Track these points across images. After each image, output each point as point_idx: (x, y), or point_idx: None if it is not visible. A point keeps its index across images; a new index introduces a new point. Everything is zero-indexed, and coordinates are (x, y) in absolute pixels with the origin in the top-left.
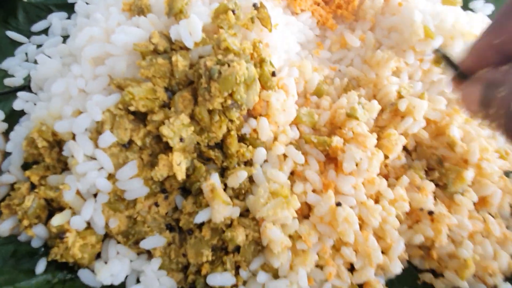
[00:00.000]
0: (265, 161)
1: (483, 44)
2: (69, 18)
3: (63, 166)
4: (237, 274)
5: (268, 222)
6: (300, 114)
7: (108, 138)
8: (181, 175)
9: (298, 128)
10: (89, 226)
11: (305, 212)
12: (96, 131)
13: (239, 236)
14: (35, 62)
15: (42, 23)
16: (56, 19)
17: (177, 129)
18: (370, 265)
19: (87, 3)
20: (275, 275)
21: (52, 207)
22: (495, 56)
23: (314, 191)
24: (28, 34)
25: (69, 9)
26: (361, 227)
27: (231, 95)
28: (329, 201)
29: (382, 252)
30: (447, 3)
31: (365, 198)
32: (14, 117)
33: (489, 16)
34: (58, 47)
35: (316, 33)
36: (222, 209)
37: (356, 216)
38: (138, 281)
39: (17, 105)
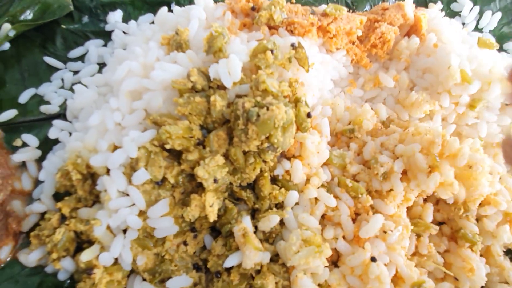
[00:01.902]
0: (296, 203)
1: None
2: (105, 45)
3: (95, 198)
4: None
5: (299, 271)
6: (332, 156)
7: (142, 175)
8: (213, 217)
9: (329, 170)
10: (116, 261)
11: (334, 258)
12: (130, 167)
13: (269, 284)
14: (71, 89)
15: (79, 49)
16: (93, 46)
17: (212, 170)
18: None
19: (124, 32)
20: None
21: (81, 240)
22: None
23: (344, 238)
24: (65, 60)
25: (106, 36)
26: (395, 283)
27: (267, 137)
28: (363, 254)
29: None
30: (483, 46)
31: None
32: (47, 145)
33: None
34: (95, 77)
35: (350, 71)
36: (253, 255)
37: (388, 274)
38: None
39: (52, 133)
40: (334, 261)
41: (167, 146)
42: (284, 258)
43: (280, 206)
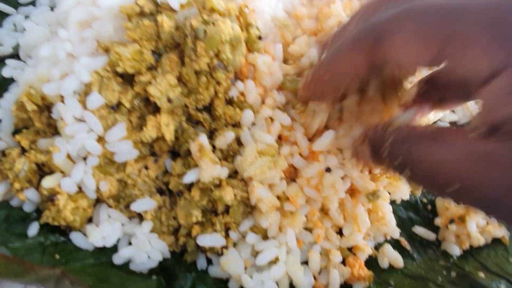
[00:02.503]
0: (253, 124)
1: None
2: None
3: (53, 131)
4: (227, 236)
5: (256, 181)
6: (285, 80)
7: (96, 99)
8: (169, 136)
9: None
10: (80, 190)
11: (292, 176)
12: (85, 93)
13: (227, 195)
14: (24, 31)
15: None
16: None
17: (164, 89)
18: (358, 230)
19: None
20: (265, 237)
21: (43, 172)
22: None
23: (301, 155)
24: (16, 6)
25: None
26: (351, 194)
27: (217, 55)
28: (317, 165)
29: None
30: None
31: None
32: (3, 86)
33: None
34: (46, 14)
35: (303, 1)
36: (210, 168)
37: (342, 183)
38: (130, 244)
39: (6, 72)
40: (293, 178)
41: (119, 70)
42: (240, 171)
43: (237, 127)
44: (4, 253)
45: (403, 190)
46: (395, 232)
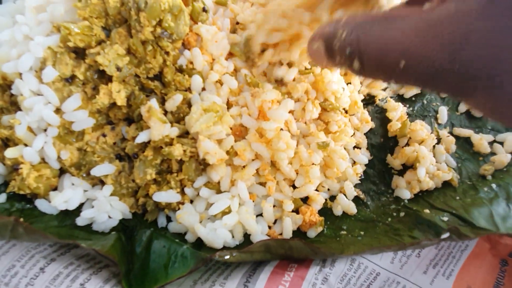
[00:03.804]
0: (203, 89)
1: None
2: None
3: (16, 108)
4: (183, 193)
5: (202, 135)
6: (233, 46)
7: (50, 72)
8: (120, 101)
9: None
10: (44, 161)
11: (243, 134)
12: (41, 69)
13: (176, 150)
14: None
15: None
16: None
17: (112, 58)
18: (309, 182)
19: None
20: (218, 191)
21: (9, 147)
22: None
23: (250, 115)
24: None
25: None
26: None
27: (160, 24)
28: (269, 124)
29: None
30: None
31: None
32: None
33: None
34: (8, 6)
35: None
36: (159, 127)
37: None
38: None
39: None
40: (244, 137)
41: (71, 45)
42: (189, 129)
43: (188, 91)
44: None
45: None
46: (352, 179)
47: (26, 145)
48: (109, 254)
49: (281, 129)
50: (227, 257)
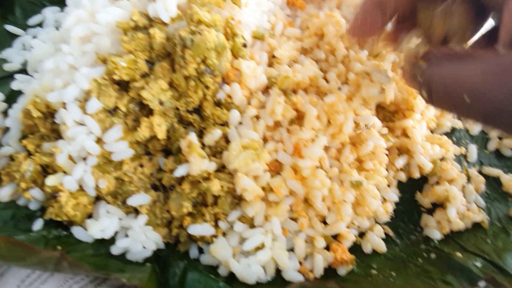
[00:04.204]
0: (240, 123)
1: (367, 4)
2: (62, 11)
3: (57, 135)
4: (216, 226)
5: (241, 172)
6: (271, 79)
7: (94, 104)
8: (161, 134)
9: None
10: (81, 188)
11: (278, 170)
12: (84, 100)
13: (214, 186)
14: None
15: (37, 17)
16: (50, 12)
17: (156, 92)
18: (341, 219)
19: None
20: (251, 226)
21: (47, 173)
22: (379, 15)
23: (285, 151)
24: (25, 28)
25: (62, 3)
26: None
27: (204, 61)
28: (304, 162)
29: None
30: None
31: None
32: (13, 98)
33: None
34: (51, 33)
35: (287, 13)
36: (199, 162)
37: (327, 178)
38: (127, 236)
39: (15, 85)
40: (278, 172)
41: (116, 77)
42: (227, 164)
43: (225, 126)
44: (8, 237)
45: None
46: (382, 217)
47: (64, 172)
48: None
49: (316, 166)
50: None
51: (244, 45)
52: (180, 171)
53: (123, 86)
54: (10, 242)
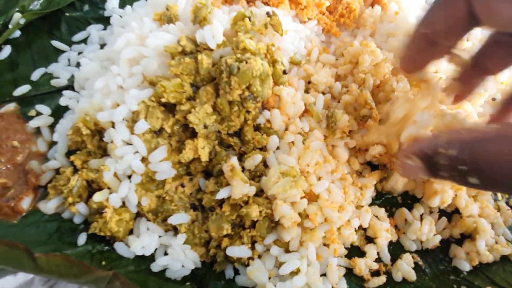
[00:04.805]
0: (277, 148)
1: (417, 34)
2: (105, 29)
3: (103, 152)
4: (253, 248)
5: (279, 199)
6: (310, 105)
7: (142, 125)
8: (204, 157)
9: (307, 122)
10: (123, 205)
11: (313, 199)
12: (132, 120)
13: (254, 211)
14: (77, 66)
15: (81, 33)
16: (94, 30)
17: (202, 117)
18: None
19: (121, 16)
20: (287, 250)
21: (92, 189)
22: (426, 44)
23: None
24: (70, 44)
25: (105, 21)
26: None
27: (248, 88)
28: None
29: None
30: None
31: None
32: (59, 113)
33: None
34: (97, 52)
35: (322, 39)
36: (240, 186)
37: None
38: (165, 254)
39: (62, 101)
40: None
41: (163, 100)
42: (265, 190)
43: (263, 150)
44: (66, 256)
45: None
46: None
47: (109, 188)
48: None
49: None
50: None
51: (284, 72)
52: (222, 194)
53: (168, 108)
54: (68, 260)
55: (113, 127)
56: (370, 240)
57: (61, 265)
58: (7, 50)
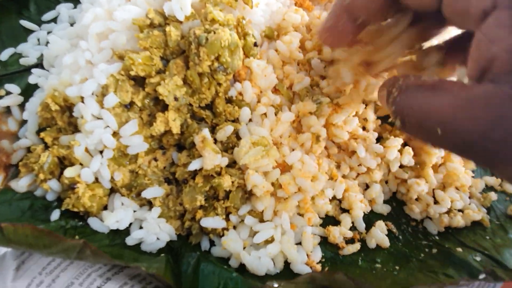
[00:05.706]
0: (250, 120)
1: (337, 8)
2: (75, 8)
3: (74, 129)
4: (227, 219)
5: (251, 169)
6: (279, 84)
7: (112, 99)
8: (176, 129)
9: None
10: (97, 180)
11: (286, 169)
12: (102, 94)
13: (226, 182)
14: (46, 45)
15: (51, 13)
16: (64, 8)
17: (172, 88)
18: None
19: None
20: (261, 220)
21: (64, 166)
22: (348, 18)
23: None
24: (39, 23)
25: (75, 1)
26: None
27: (217, 59)
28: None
29: None
30: None
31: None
32: (29, 92)
33: None
34: (67, 30)
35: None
36: (212, 157)
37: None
38: (141, 228)
39: (31, 79)
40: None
41: (132, 73)
42: (237, 160)
43: (236, 122)
44: (34, 226)
45: None
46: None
47: (81, 164)
48: (165, 277)
49: None
50: (275, 285)
51: (255, 44)
52: (194, 165)
53: (138, 82)
54: (36, 230)
55: (83, 102)
56: (345, 211)
57: (30, 235)
58: None
